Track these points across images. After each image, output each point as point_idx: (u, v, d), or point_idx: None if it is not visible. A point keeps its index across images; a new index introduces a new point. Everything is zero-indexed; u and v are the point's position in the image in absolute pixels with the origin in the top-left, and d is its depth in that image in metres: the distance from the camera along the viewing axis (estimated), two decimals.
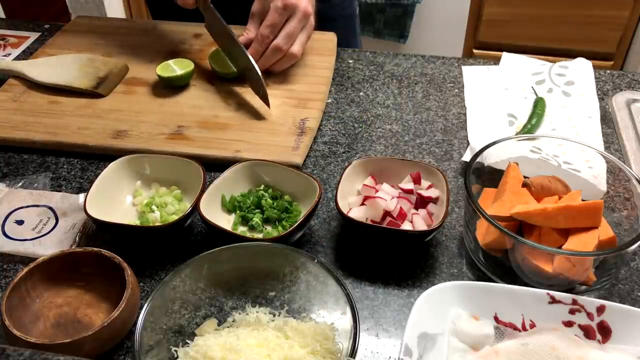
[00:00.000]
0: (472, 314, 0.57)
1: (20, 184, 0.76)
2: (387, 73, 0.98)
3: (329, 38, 1.02)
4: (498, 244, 0.61)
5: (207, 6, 0.89)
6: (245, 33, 0.91)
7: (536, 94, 0.89)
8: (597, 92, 0.90)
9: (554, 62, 0.95)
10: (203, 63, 0.96)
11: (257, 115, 0.85)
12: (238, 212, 0.70)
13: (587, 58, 0.94)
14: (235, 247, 0.59)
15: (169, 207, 0.69)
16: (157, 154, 0.75)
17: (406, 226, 0.66)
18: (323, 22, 0.98)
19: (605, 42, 2.07)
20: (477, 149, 0.67)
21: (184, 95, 0.89)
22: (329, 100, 0.92)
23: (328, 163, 0.80)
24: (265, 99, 0.84)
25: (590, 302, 0.56)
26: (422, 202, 0.68)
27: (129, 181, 0.72)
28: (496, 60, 0.98)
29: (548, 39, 2.07)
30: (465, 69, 0.97)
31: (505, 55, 0.98)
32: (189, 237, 0.70)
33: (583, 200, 0.63)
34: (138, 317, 0.53)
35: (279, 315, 0.58)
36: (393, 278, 0.65)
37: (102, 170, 0.70)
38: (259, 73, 0.84)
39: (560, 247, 0.60)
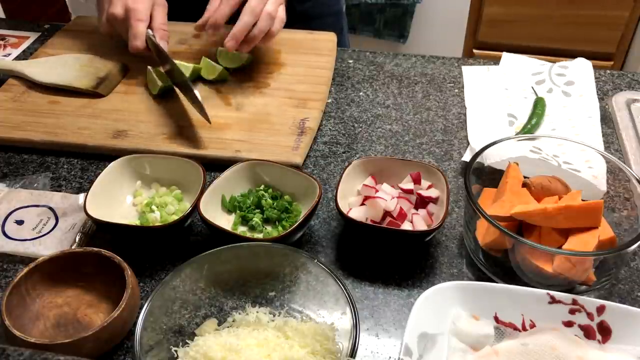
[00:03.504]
0: (472, 314, 0.57)
1: (20, 184, 0.76)
2: (387, 73, 0.98)
3: (329, 38, 1.02)
4: (498, 244, 0.61)
5: (154, 43, 0.87)
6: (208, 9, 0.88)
7: (536, 94, 0.89)
8: (597, 92, 0.90)
9: (554, 62, 0.95)
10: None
11: (257, 115, 0.85)
12: (238, 212, 0.70)
13: (587, 58, 0.94)
14: (235, 247, 0.59)
15: (169, 207, 0.69)
16: (157, 154, 0.75)
17: (406, 226, 0.66)
18: (310, 20, 0.96)
19: (605, 42, 2.07)
20: (477, 149, 0.67)
21: (184, 96, 0.89)
22: (329, 100, 0.92)
23: (328, 163, 0.80)
24: (205, 115, 0.80)
25: (590, 302, 0.56)
26: (422, 202, 0.68)
27: (129, 181, 0.72)
28: (496, 60, 0.98)
29: (548, 39, 2.07)
30: (465, 69, 0.97)
31: (505, 55, 0.98)
32: (189, 237, 0.70)
33: (583, 200, 0.63)
34: (138, 317, 0.53)
35: (279, 315, 0.58)
36: (393, 278, 0.65)
37: (102, 170, 0.70)
38: (197, 94, 0.80)
39: (560, 247, 0.60)
